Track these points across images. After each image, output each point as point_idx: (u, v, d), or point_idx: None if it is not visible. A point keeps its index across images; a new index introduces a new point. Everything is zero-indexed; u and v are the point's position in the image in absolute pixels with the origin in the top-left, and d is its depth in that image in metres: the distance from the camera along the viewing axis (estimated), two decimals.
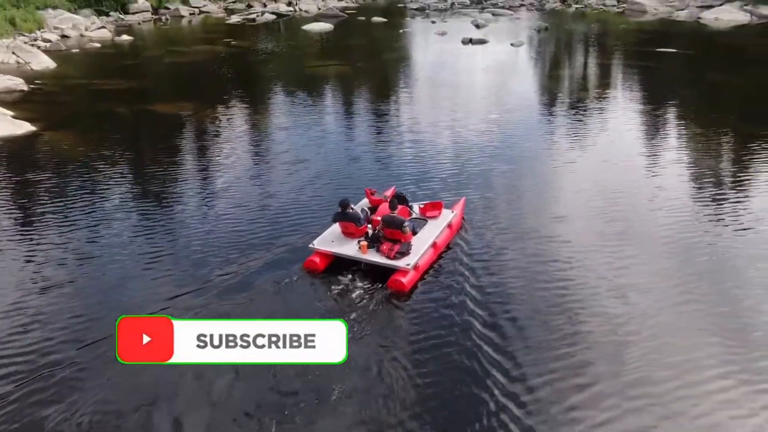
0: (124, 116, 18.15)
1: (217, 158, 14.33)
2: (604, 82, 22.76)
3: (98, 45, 30.59)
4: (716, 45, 31.68)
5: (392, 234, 8.59)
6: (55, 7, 38.43)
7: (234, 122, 17.35)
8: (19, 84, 20.91)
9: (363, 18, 41.39)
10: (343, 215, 8.97)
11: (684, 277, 8.54)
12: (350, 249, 8.72)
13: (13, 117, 16.78)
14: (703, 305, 7.86)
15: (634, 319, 7.52)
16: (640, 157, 13.93)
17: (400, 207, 9.02)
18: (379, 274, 8.39)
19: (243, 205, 11.27)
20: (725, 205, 11.06)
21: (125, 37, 32.71)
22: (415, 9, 46.45)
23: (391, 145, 15.16)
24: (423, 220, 9.49)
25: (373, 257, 8.54)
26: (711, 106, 19.22)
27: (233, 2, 50.18)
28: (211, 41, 31.90)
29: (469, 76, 23.40)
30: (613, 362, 6.76)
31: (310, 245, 8.81)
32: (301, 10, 46.42)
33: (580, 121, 17.08)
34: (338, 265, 8.67)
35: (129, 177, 13.12)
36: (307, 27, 36.43)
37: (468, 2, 49.49)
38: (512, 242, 9.55)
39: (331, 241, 8.91)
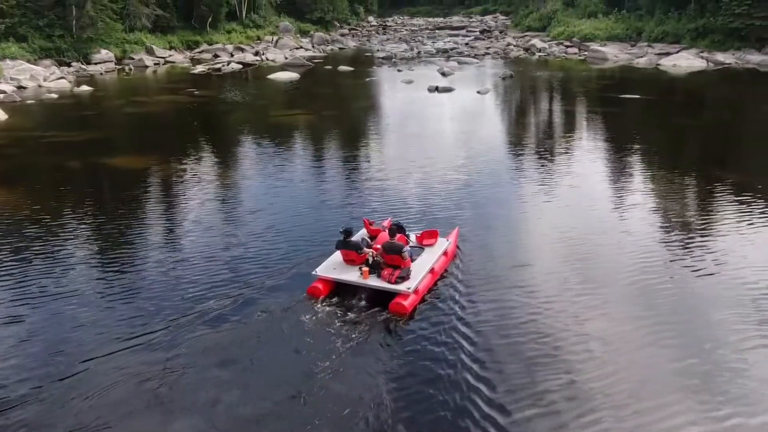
0: (75, 169, 17.30)
1: (174, 209, 13.65)
2: (569, 128, 22.76)
3: (56, 96, 29.73)
4: (676, 90, 32.42)
5: (392, 260, 9.06)
6: (13, 58, 37.68)
7: (193, 172, 16.49)
8: None
9: (330, 67, 41.50)
10: (346, 243, 9.37)
11: (648, 320, 8.44)
12: (352, 275, 9.11)
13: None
14: (668, 350, 7.77)
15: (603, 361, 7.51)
16: (606, 201, 13.84)
17: (398, 235, 9.51)
18: (380, 299, 8.77)
19: (209, 251, 11.04)
20: (690, 249, 10.87)
21: (85, 88, 31.90)
22: (382, 58, 46.87)
23: (357, 189, 14.90)
24: (420, 247, 9.93)
25: (375, 282, 8.94)
26: (673, 150, 19.26)
27: (199, 53, 50.11)
28: (175, 91, 31.36)
29: (435, 124, 23.17)
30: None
31: (313, 272, 9.21)
32: (267, 59, 46.44)
33: (546, 166, 16.81)
34: (340, 291, 9.07)
35: (78, 230, 12.22)
36: (272, 76, 36.22)
37: (434, 51, 50.29)
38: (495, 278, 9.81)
39: (333, 268, 9.32)
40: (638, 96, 27.74)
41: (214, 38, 53.31)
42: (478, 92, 29.70)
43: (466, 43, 55.49)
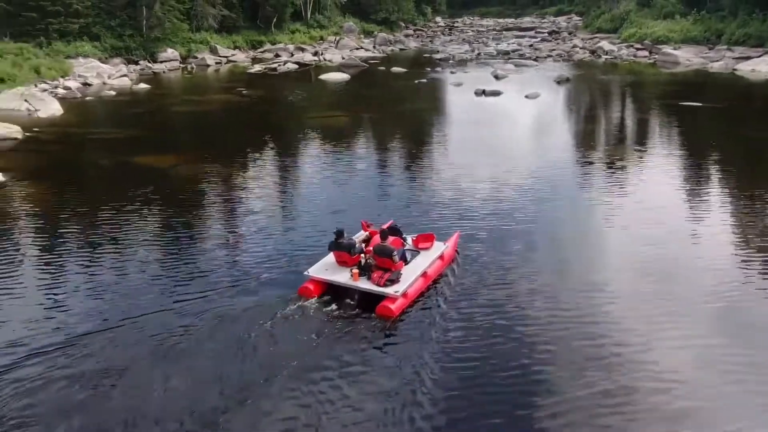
0: (106, 165, 17.93)
1: (202, 204, 14.12)
2: (620, 137, 21.33)
3: (114, 93, 31.05)
4: (753, 98, 29.82)
5: (383, 263, 9.04)
6: (86, 56, 39.83)
7: (215, 170, 16.68)
8: (14, 132, 20.95)
9: (383, 68, 41.23)
10: (338, 245, 9.41)
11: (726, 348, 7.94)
12: (343, 277, 9.15)
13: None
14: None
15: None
16: (676, 218, 12.80)
17: (392, 238, 9.45)
18: (370, 302, 8.80)
19: (253, 241, 11.61)
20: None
21: (143, 86, 33.22)
22: (439, 59, 46.03)
23: (387, 187, 15.23)
24: (415, 251, 9.93)
25: (364, 284, 8.97)
26: (750, 163, 17.51)
27: (262, 52, 51.19)
28: (226, 90, 32.07)
29: (469, 128, 22.49)
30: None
31: (305, 272, 9.33)
32: (325, 60, 46.73)
33: (586, 178, 15.94)
34: (332, 292, 9.16)
35: (93, 227, 12.52)
36: (324, 76, 36.34)
37: (495, 53, 48.91)
38: (507, 281, 9.82)
39: (326, 269, 9.39)
40: (709, 104, 25.67)
41: (277, 38, 54.35)
42: (526, 96, 28.45)
43: (531, 45, 53.64)
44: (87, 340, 8.02)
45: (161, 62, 43.55)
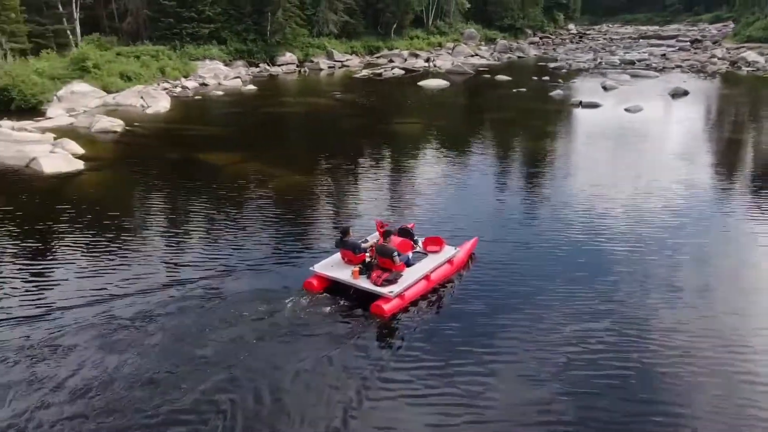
0: (175, 159, 19.17)
1: (259, 198, 14.79)
2: (727, 160, 18.71)
3: (221, 93, 33.38)
4: None
5: (384, 263, 9.19)
6: (212, 58, 43.31)
7: (275, 169, 17.21)
8: (117, 125, 23.30)
9: (488, 76, 40.11)
10: (343, 243, 9.70)
11: None
12: (344, 274, 9.39)
13: (75, 155, 18.44)
14: None
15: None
16: None
17: (398, 239, 9.64)
18: (368, 300, 8.96)
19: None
20: None
21: (251, 87, 35.40)
22: (553, 68, 43.78)
23: (440, 193, 15.06)
24: (423, 253, 10.01)
25: (362, 283, 9.16)
26: None
27: (377, 57, 52.24)
28: (323, 93, 33.14)
29: (547, 140, 21.00)
30: None
31: (311, 268, 9.65)
32: (435, 66, 46.52)
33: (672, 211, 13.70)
34: (334, 288, 9.42)
35: (145, 212, 13.83)
36: (423, 83, 36.19)
37: (617, 62, 45.50)
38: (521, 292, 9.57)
39: (331, 266, 9.67)
40: None
41: (395, 44, 55.18)
42: (626, 110, 26.09)
43: (663, 54, 49.22)
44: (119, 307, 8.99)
45: (279, 65, 46.15)
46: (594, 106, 27.26)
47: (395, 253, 9.15)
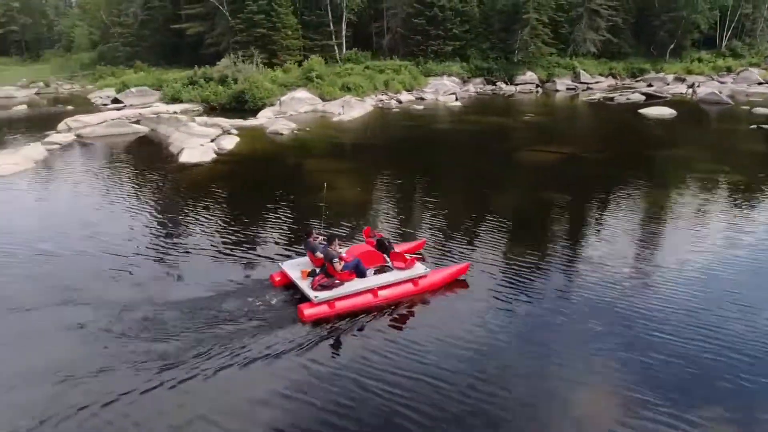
0: (299, 165, 20.62)
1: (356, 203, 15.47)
2: None
3: (420, 108, 34.37)
4: None
5: (329, 268, 9.23)
6: (450, 75, 44.81)
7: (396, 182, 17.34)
8: (286, 128, 26.36)
9: (746, 108, 32.00)
10: (306, 244, 10.06)
11: None
12: (297, 274, 9.59)
13: (219, 151, 21.74)
14: None
15: None
16: None
17: (365, 250, 9.80)
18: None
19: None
20: None
21: (457, 104, 35.69)
22: None
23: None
24: (388, 267, 9.80)
25: (302, 284, 9.27)
26: None
27: (636, 81, 46.56)
28: (518, 114, 31.21)
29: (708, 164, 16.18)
30: None
31: (280, 264, 10.06)
32: (694, 93, 39.12)
33: None
34: (292, 286, 9.61)
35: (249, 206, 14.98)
36: (645, 111, 31.03)
37: None
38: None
39: (297, 265, 9.90)
40: None
41: (665, 67, 48.21)
42: None
43: None
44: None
45: (516, 84, 45.11)
46: None
47: (335, 260, 9.12)
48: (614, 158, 20.81)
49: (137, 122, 28.01)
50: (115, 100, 36.23)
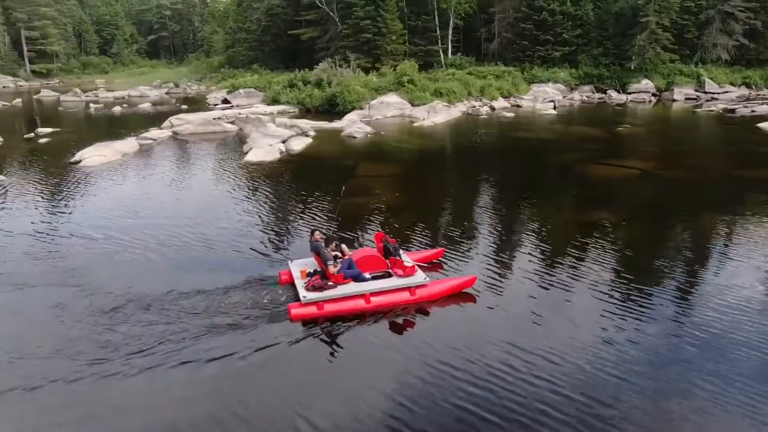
0: (353, 167, 20.91)
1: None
2: None
3: (512, 115, 33.24)
4: None
5: (325, 270, 9.34)
6: (555, 81, 42.93)
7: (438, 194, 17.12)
8: (360, 132, 26.78)
9: None
10: (311, 244, 10.11)
11: None
12: (297, 273, 9.78)
13: (287, 151, 22.75)
14: None
15: None
16: None
17: (367, 254, 9.75)
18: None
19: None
20: None
21: (552, 112, 34.00)
22: None
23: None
24: (386, 272, 9.70)
25: (298, 283, 9.42)
26: None
27: None
28: (610, 125, 29.07)
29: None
30: None
31: (289, 261, 10.30)
32: None
33: None
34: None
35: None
36: (763, 124, 27.51)
37: None
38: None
39: (304, 263, 10.07)
40: None
41: None
42: None
43: None
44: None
45: (629, 93, 42.12)
46: None
47: (329, 261, 9.21)
48: (694, 177, 18.67)
49: (232, 122, 30.07)
50: (225, 101, 39.17)
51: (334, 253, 9.77)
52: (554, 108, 35.92)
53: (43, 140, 25.53)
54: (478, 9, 48.83)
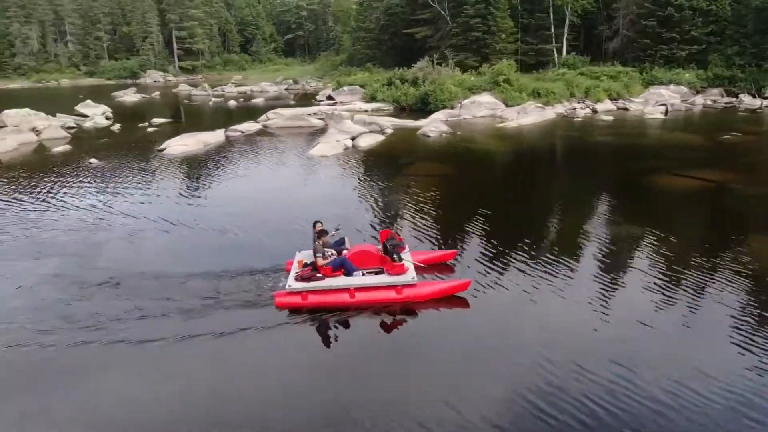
0: (406, 165, 21.12)
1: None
2: None
3: (610, 119, 31.06)
4: None
5: (316, 261, 9.61)
6: (677, 83, 39.35)
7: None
8: (436, 131, 26.68)
9: None
10: (313, 236, 10.11)
11: None
12: (296, 263, 10.09)
13: (353, 148, 23.42)
14: None
15: None
16: None
17: (361, 250, 10.03)
18: None
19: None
20: None
21: (658, 117, 31.30)
22: None
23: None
24: (380, 270, 9.82)
25: (291, 272, 9.72)
26: None
27: None
28: (722, 131, 26.08)
29: None
30: None
31: (297, 251, 10.46)
32: None
33: None
34: None
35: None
36: None
37: None
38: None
39: (309, 255, 10.13)
40: None
41: None
42: None
43: None
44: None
45: (766, 97, 37.23)
46: None
47: (318, 254, 9.45)
48: None
49: (322, 118, 31.50)
50: (328, 97, 40.96)
51: (338, 248, 10.04)
52: (665, 112, 32.88)
53: (151, 129, 28.75)
54: (602, 5, 46.02)
